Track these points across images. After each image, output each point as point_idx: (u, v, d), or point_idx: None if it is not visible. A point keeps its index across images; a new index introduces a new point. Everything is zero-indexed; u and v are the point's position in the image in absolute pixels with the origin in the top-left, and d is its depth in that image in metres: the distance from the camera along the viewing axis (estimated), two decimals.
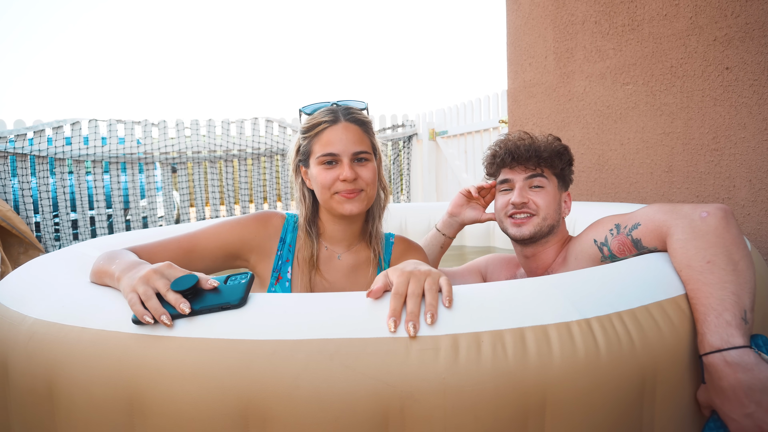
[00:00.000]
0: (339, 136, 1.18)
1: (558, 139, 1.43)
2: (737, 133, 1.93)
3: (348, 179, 1.16)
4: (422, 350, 0.75)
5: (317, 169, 1.19)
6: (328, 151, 1.17)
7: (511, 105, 3.15)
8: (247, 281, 0.84)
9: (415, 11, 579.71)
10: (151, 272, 0.84)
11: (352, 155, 1.18)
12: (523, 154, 1.38)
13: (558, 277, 0.93)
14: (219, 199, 4.98)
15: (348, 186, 1.17)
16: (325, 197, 1.20)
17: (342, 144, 1.17)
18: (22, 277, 1.13)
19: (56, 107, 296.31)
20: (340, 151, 1.17)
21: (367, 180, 1.20)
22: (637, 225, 1.13)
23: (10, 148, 4.08)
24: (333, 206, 1.20)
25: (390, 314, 0.78)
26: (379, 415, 0.74)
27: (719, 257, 0.93)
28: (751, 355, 0.83)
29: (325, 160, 1.18)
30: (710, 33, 2.00)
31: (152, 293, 0.81)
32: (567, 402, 0.77)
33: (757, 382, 0.81)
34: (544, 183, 1.38)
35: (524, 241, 1.39)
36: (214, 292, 0.82)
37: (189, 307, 0.79)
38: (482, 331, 0.78)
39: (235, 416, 0.75)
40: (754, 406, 0.81)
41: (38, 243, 3.93)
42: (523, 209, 1.37)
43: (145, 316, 0.79)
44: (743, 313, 0.87)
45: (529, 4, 2.94)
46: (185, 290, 0.80)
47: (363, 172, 1.19)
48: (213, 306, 0.80)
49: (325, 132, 1.19)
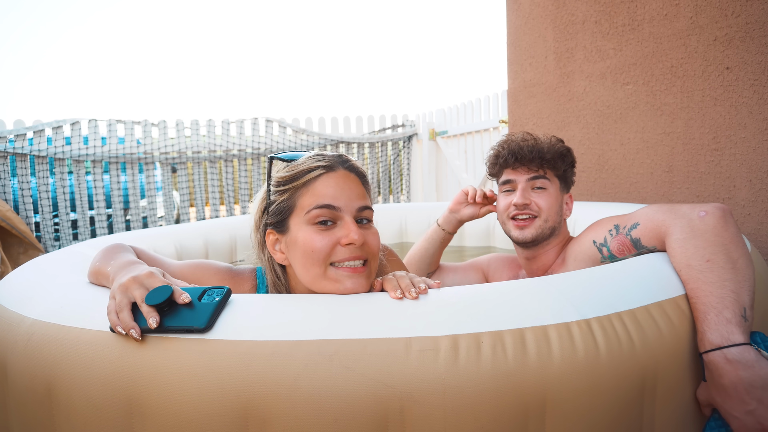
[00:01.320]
0: (339, 186, 0.93)
1: (561, 141, 1.44)
2: (737, 133, 1.93)
3: (355, 243, 0.89)
4: (422, 351, 0.75)
5: (305, 232, 0.91)
6: (325, 203, 0.90)
7: (511, 105, 3.15)
8: (219, 300, 0.81)
9: (415, 11, 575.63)
10: (131, 280, 0.81)
11: (356, 211, 0.92)
12: (526, 155, 1.38)
13: (558, 277, 0.93)
14: (219, 199, 4.98)
15: (354, 253, 0.90)
16: (313, 273, 0.91)
17: (344, 196, 0.92)
18: (21, 277, 1.13)
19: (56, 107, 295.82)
20: (342, 204, 0.91)
21: (374, 249, 0.93)
22: (636, 225, 1.13)
23: (10, 148, 4.08)
24: (325, 286, 0.90)
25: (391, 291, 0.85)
26: (379, 416, 0.74)
27: (718, 256, 0.93)
28: (752, 352, 0.83)
29: (320, 217, 0.90)
30: (710, 33, 2.00)
31: (126, 304, 0.79)
32: (567, 402, 0.77)
33: (758, 378, 0.81)
34: (547, 185, 1.39)
35: (526, 243, 1.39)
36: (188, 307, 0.80)
37: (157, 322, 0.77)
38: (482, 331, 0.77)
39: (235, 417, 0.75)
40: (756, 403, 0.81)
41: (38, 243, 3.93)
42: (525, 210, 1.37)
43: (117, 327, 0.78)
44: (743, 311, 0.87)
45: (529, 4, 2.94)
46: (160, 304, 0.78)
47: (370, 238, 0.93)
48: (178, 327, 0.78)
49: (319, 180, 0.93)
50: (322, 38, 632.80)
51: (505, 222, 1.43)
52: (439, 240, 1.63)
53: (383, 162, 5.55)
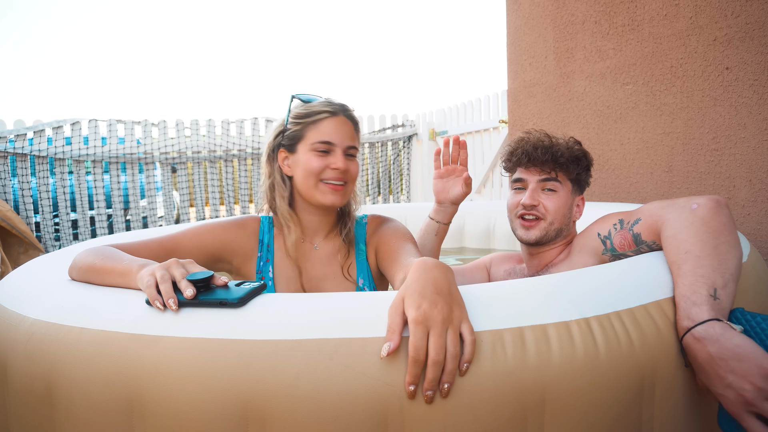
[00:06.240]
0: (338, 128, 1.22)
1: (578, 143, 1.43)
2: (737, 133, 1.93)
3: (340, 168, 1.20)
4: None
5: (308, 156, 1.21)
6: (326, 139, 1.20)
7: (511, 105, 3.15)
8: (255, 287, 0.87)
9: (415, 11, 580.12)
10: (173, 261, 0.88)
11: (346, 148, 1.22)
12: (539, 156, 1.37)
13: (557, 276, 0.93)
14: (219, 199, 4.98)
15: (337, 175, 1.20)
16: (308, 184, 1.22)
17: (339, 136, 1.22)
18: (21, 277, 1.13)
19: (56, 107, 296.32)
20: (337, 141, 1.21)
21: (354, 175, 1.24)
22: (638, 220, 1.15)
23: (10, 148, 4.08)
24: (315, 195, 1.22)
25: (409, 380, 0.72)
26: (379, 414, 0.74)
27: (696, 246, 0.94)
28: (716, 326, 0.83)
29: (320, 148, 1.20)
30: (710, 33, 2.00)
31: (168, 278, 0.84)
32: (566, 401, 0.77)
33: (726, 351, 0.80)
34: (557, 187, 1.38)
35: (530, 243, 1.40)
36: (223, 289, 0.85)
37: (194, 293, 0.81)
38: (481, 330, 0.77)
39: (235, 416, 0.75)
40: (731, 375, 0.80)
41: (38, 243, 3.93)
42: (532, 211, 1.38)
43: (156, 301, 0.82)
44: (713, 291, 0.87)
45: (529, 4, 2.94)
46: (197, 281, 0.83)
47: (352, 166, 1.24)
48: (213, 300, 0.82)
49: (324, 121, 1.22)
50: (322, 38, 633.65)
51: (512, 220, 1.44)
52: (433, 232, 1.53)
53: (383, 162, 5.55)
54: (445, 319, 0.73)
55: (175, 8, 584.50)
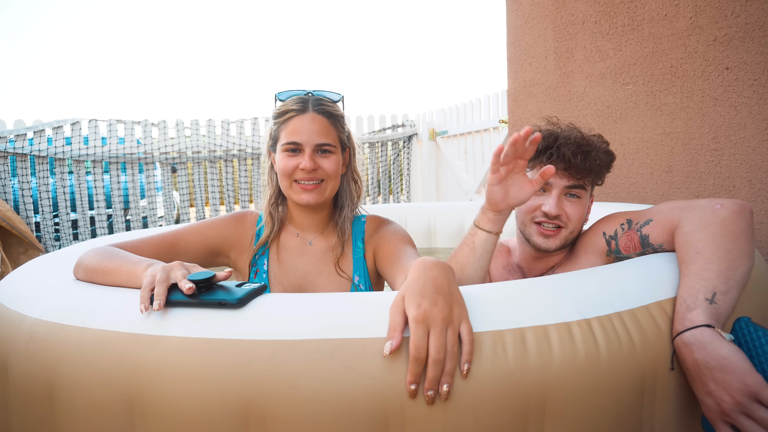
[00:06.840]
0: (304, 127, 1.19)
1: (606, 143, 1.30)
2: (737, 133, 1.93)
3: (306, 168, 1.17)
4: None
5: (281, 156, 1.21)
6: (292, 140, 1.19)
7: (511, 105, 3.15)
8: (255, 288, 0.87)
9: (415, 11, 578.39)
10: (176, 264, 0.88)
11: (315, 146, 1.20)
12: (578, 164, 1.22)
13: (558, 277, 0.93)
14: (219, 199, 4.98)
15: (306, 176, 1.19)
16: (284, 185, 1.23)
17: (306, 134, 1.19)
18: (22, 277, 1.13)
19: (56, 107, 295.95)
20: (304, 141, 1.19)
21: (329, 171, 1.21)
22: (649, 221, 1.12)
23: (10, 148, 4.08)
24: (291, 195, 1.23)
25: (410, 379, 0.72)
26: (379, 415, 0.74)
27: (708, 247, 0.92)
28: (706, 333, 0.81)
29: (288, 148, 1.20)
30: (710, 33, 2.00)
31: (165, 280, 0.84)
32: (567, 402, 0.77)
33: (711, 360, 0.80)
34: (582, 194, 1.27)
35: (547, 251, 1.29)
36: (224, 290, 0.85)
37: (192, 290, 0.81)
38: (482, 331, 0.78)
39: (236, 416, 0.75)
40: (713, 384, 0.80)
41: (38, 243, 3.92)
42: (555, 220, 1.25)
43: (141, 304, 0.82)
44: (711, 295, 0.86)
45: (529, 4, 2.94)
46: (199, 281, 0.83)
47: (325, 164, 1.21)
48: (213, 301, 0.82)
49: (292, 120, 1.21)
50: (323, 38, 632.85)
51: (526, 223, 1.29)
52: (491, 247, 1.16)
53: (383, 162, 5.55)
54: (446, 317, 0.73)
55: (176, 7, 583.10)
